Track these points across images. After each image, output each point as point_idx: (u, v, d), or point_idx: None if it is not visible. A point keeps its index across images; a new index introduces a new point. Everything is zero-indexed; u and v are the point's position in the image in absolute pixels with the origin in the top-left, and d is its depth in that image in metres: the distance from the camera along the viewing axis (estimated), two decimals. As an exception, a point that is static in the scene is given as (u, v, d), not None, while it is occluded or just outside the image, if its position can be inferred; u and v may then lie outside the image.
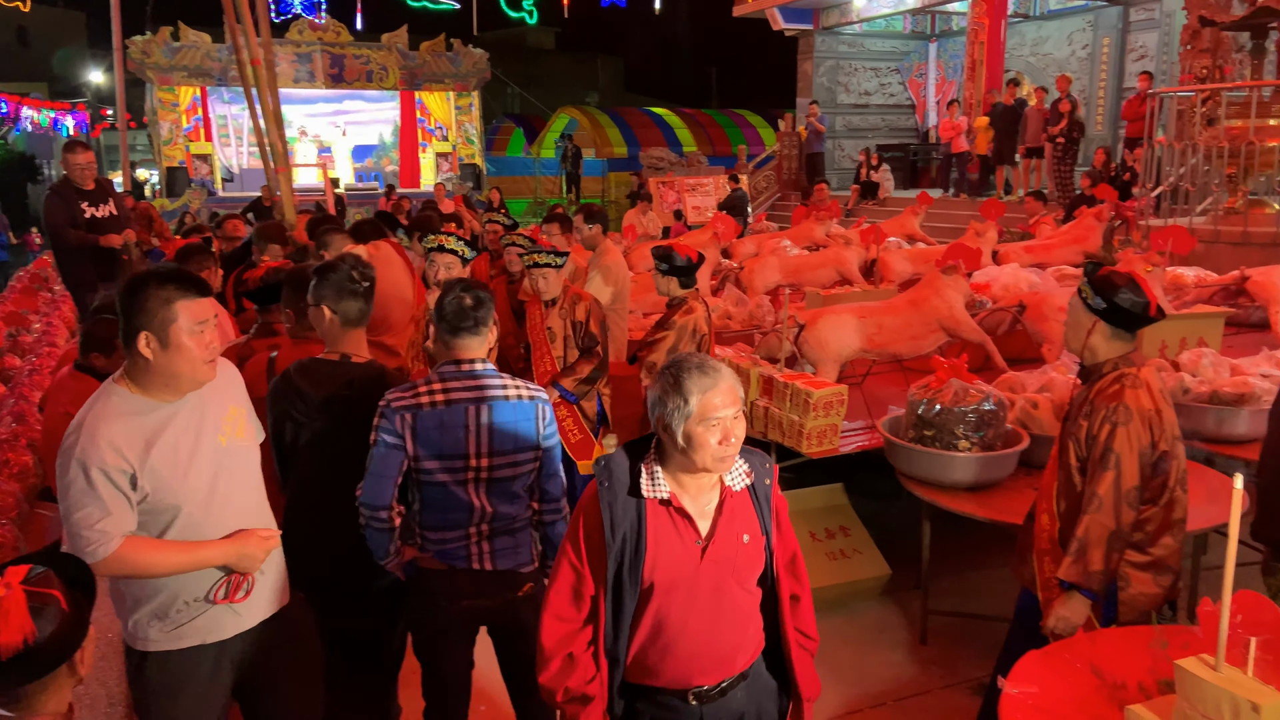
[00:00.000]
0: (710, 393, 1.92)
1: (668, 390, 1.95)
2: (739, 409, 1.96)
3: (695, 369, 1.95)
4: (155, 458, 2.12)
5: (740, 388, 2.00)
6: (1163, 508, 2.68)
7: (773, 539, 2.10)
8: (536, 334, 4.57)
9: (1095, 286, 2.70)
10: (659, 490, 2.01)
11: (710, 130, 25.30)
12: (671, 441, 1.96)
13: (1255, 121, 8.40)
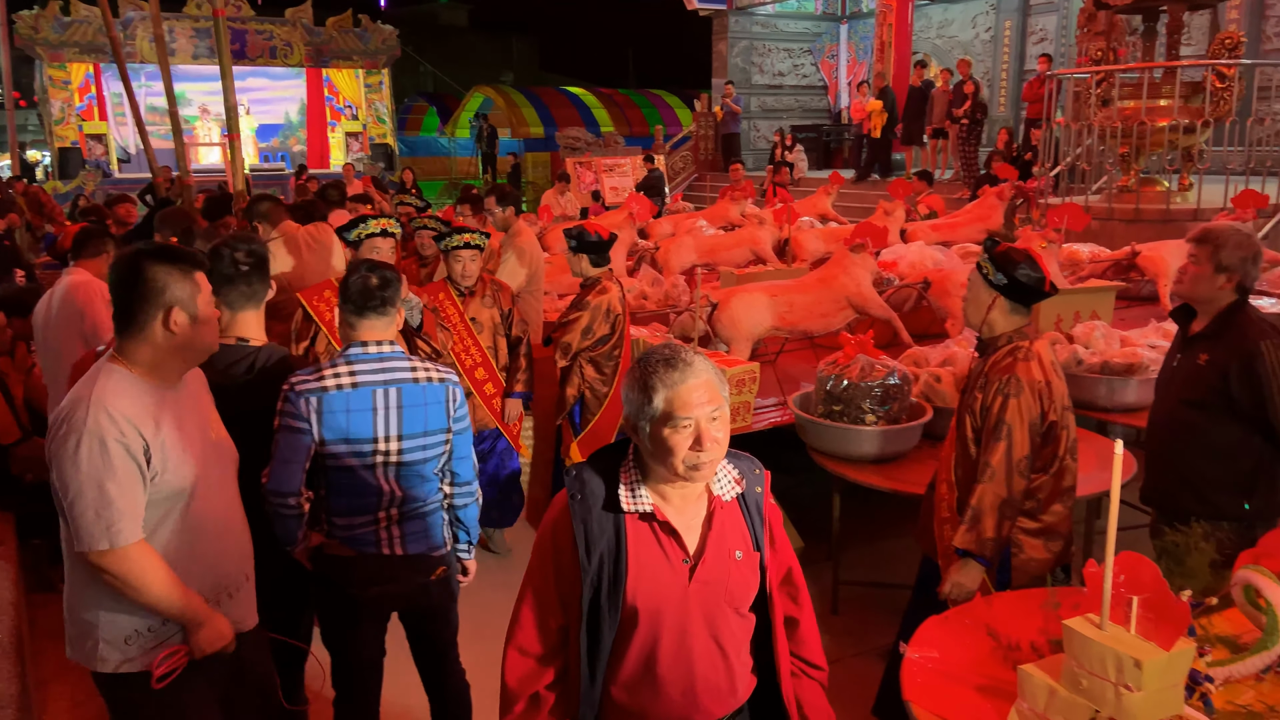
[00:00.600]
0: (679, 389, 1.68)
1: (632, 387, 1.74)
2: (718, 407, 1.71)
3: (662, 362, 1.71)
4: (165, 435, 2.05)
5: (721, 383, 1.74)
6: (1053, 476, 2.79)
7: (766, 555, 1.88)
8: (457, 324, 4.41)
9: (995, 262, 2.78)
10: (640, 503, 1.76)
11: (627, 110, 25.25)
12: (642, 445, 1.75)
13: (1147, 102, 8.76)
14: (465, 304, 4.40)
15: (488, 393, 4.51)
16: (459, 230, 4.41)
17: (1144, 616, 1.86)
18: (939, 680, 2.19)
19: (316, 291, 4.13)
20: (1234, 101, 8.72)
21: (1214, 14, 10.13)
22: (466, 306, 4.40)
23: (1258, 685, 2.02)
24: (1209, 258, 2.93)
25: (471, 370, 4.42)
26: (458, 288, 4.42)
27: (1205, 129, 8.83)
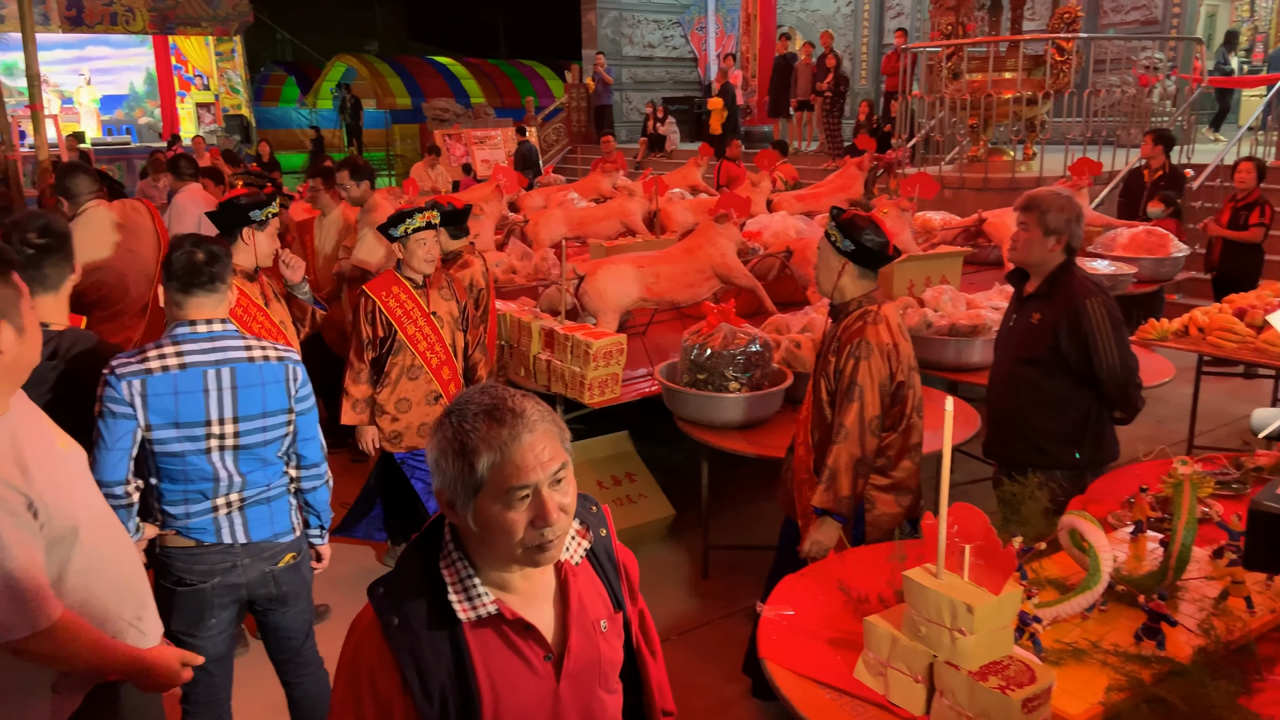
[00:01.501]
0: (511, 449, 1.28)
1: (445, 451, 1.30)
2: (562, 465, 1.33)
3: (483, 416, 1.28)
4: (34, 472, 1.71)
5: (561, 429, 1.36)
6: (901, 434, 2.91)
7: (628, 610, 1.57)
8: (419, 320, 3.86)
9: (842, 230, 2.86)
10: (480, 605, 1.36)
11: (498, 81, 24.76)
12: (464, 528, 1.35)
13: (993, 75, 9.18)
14: (423, 297, 3.87)
15: (452, 394, 4.05)
16: (410, 212, 3.79)
17: (975, 564, 1.95)
18: (793, 636, 2.25)
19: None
20: (1072, 74, 9.22)
21: (1054, -10, 10.68)
22: (424, 299, 3.87)
23: (1083, 623, 2.16)
24: (1036, 223, 3.09)
25: (437, 370, 3.94)
26: (412, 280, 3.85)
27: (1046, 100, 9.32)
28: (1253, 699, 1.89)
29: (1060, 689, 1.88)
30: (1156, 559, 2.33)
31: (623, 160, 10.74)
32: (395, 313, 3.84)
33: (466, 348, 4.08)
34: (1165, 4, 12.72)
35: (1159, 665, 1.94)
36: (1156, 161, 7.39)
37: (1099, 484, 3.01)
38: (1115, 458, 3.25)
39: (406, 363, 3.88)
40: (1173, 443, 5.36)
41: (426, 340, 3.90)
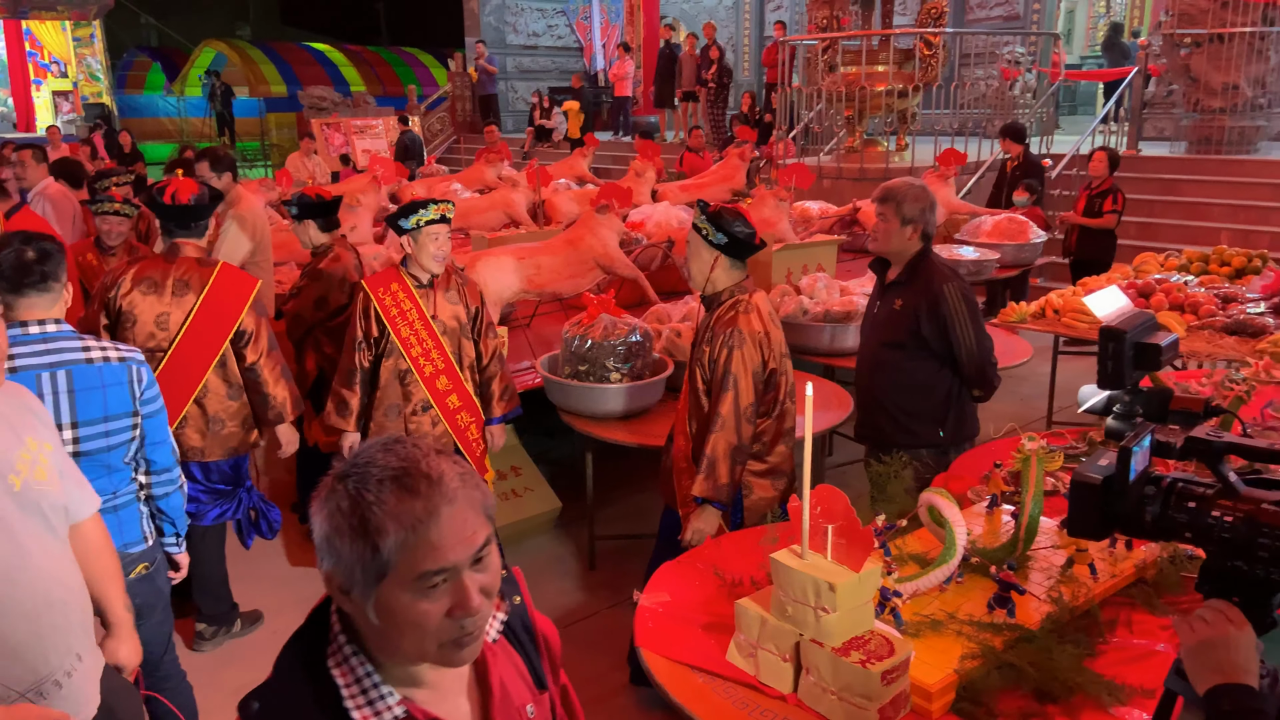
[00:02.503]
0: (427, 525, 1.04)
1: (339, 529, 1.05)
2: (487, 539, 1.10)
3: (390, 485, 1.04)
4: None
5: (485, 495, 1.12)
6: (775, 419, 2.97)
7: (552, 689, 1.37)
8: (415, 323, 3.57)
9: (713, 223, 2.89)
10: (383, 706, 1.12)
11: (379, 69, 24.10)
12: (361, 620, 1.09)
13: (866, 68, 9.45)
14: (426, 298, 3.58)
15: (451, 406, 3.70)
16: (424, 202, 3.48)
17: (837, 544, 2.00)
18: (669, 623, 2.27)
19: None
20: (939, 68, 9.59)
21: (923, -14, 11.04)
22: (427, 302, 3.59)
23: (941, 595, 2.24)
24: (894, 213, 3.21)
25: (432, 379, 3.62)
26: (416, 278, 3.56)
27: (916, 93, 9.66)
28: (1096, 660, 2.01)
29: (919, 660, 1.95)
30: (1009, 531, 2.44)
31: (507, 150, 10.62)
32: (390, 312, 3.53)
33: (479, 359, 3.73)
34: (1026, 0, 13.36)
35: (1010, 632, 2.04)
36: (1012, 153, 7.76)
37: (961, 461, 3.14)
38: (976, 435, 3.40)
39: (399, 367, 3.59)
40: (1034, 419, 5.66)
41: (422, 345, 3.58)
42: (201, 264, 3.42)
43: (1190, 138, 9.73)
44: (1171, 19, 9.73)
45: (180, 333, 3.34)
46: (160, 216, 3.39)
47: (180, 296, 3.36)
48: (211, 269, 3.41)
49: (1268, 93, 9.47)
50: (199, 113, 22.47)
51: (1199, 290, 4.76)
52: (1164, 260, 5.61)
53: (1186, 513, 1.10)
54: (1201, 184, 9.00)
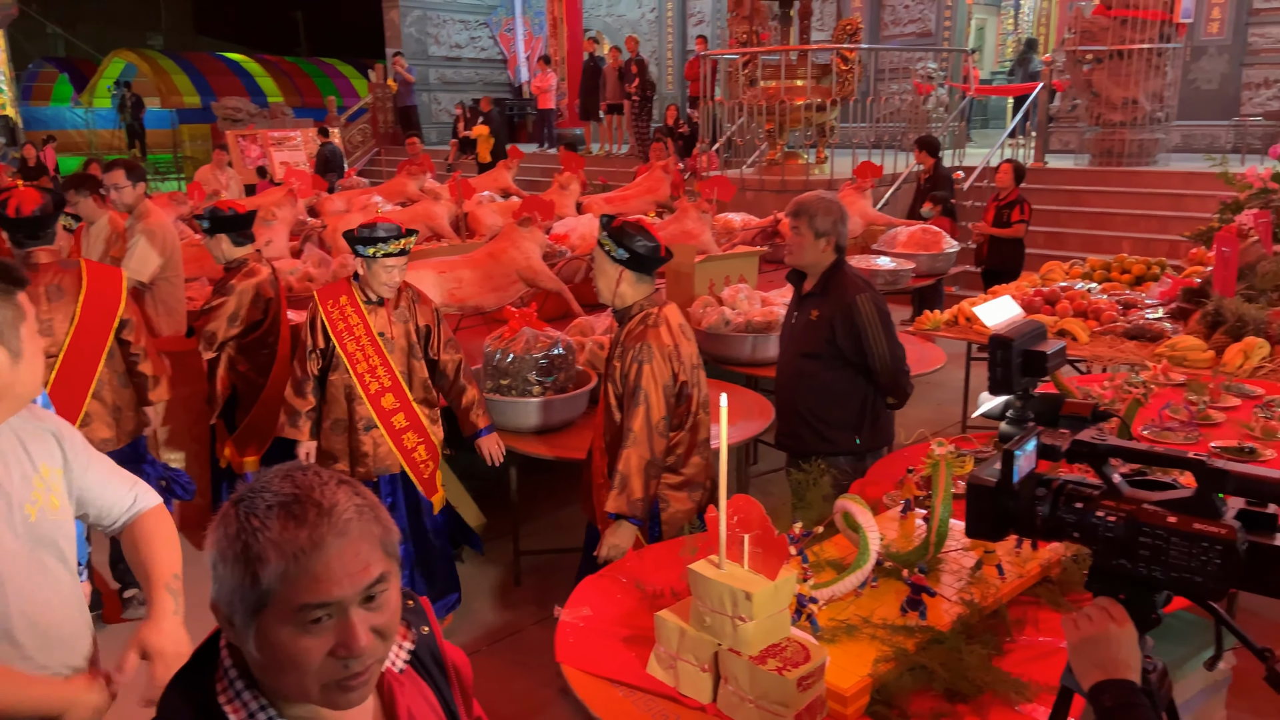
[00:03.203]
0: (311, 556, 0.99)
1: (224, 552, 1.01)
2: (380, 578, 1.04)
3: (281, 510, 1.00)
4: None
5: (386, 528, 1.07)
6: (689, 431, 2.99)
7: (462, 718, 1.32)
8: (362, 338, 3.52)
9: (614, 238, 2.88)
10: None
11: (297, 79, 23.64)
12: (245, 651, 1.04)
13: (785, 82, 9.63)
14: (374, 314, 3.53)
15: (397, 426, 3.59)
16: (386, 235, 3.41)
17: (754, 552, 2.02)
18: (589, 637, 2.27)
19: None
20: (856, 82, 9.82)
21: (839, 2, 11.30)
22: (375, 318, 3.54)
23: (856, 600, 2.28)
24: (807, 227, 3.27)
25: (378, 397, 3.54)
26: (366, 295, 3.53)
27: (834, 107, 9.87)
28: (1004, 659, 2.06)
29: (834, 664, 1.98)
30: (922, 535, 2.50)
31: (430, 162, 10.53)
32: (337, 326, 3.48)
33: (442, 376, 3.65)
34: (938, 17, 13.78)
35: (921, 635, 2.08)
36: (925, 165, 7.99)
37: (877, 467, 3.21)
38: (891, 441, 3.48)
39: (345, 382, 3.52)
40: (949, 424, 5.81)
41: (368, 362, 3.51)
42: (65, 266, 3.49)
43: (1093, 150, 10.14)
44: (1074, 36, 10.15)
45: (69, 336, 3.44)
46: (8, 229, 3.43)
47: (56, 301, 3.41)
48: (79, 270, 3.50)
49: (1165, 106, 9.93)
50: (108, 124, 21.72)
51: (1101, 297, 4.96)
52: (1069, 268, 5.83)
53: (1074, 513, 1.14)
54: (1104, 194, 9.39)
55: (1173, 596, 1.17)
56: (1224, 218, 5.68)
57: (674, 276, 5.38)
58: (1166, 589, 1.11)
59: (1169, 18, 9.48)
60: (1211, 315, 4.20)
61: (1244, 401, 3.54)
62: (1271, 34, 11.10)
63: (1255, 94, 11.21)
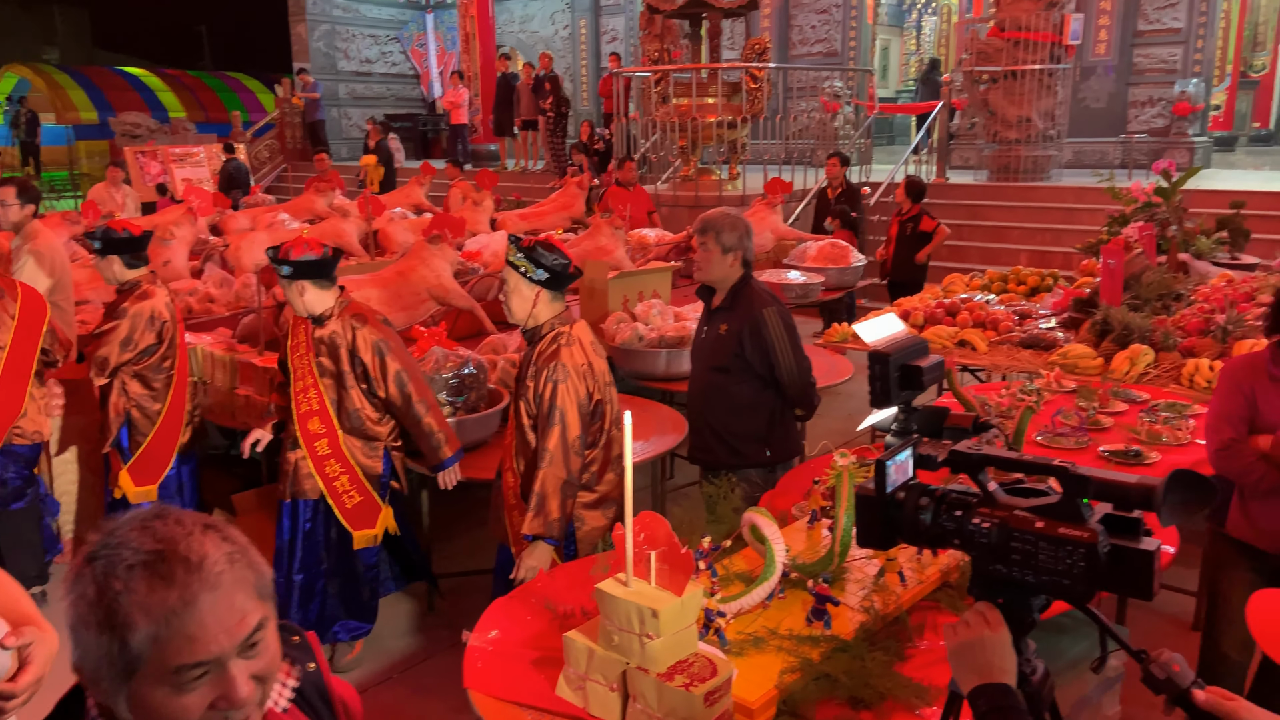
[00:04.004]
0: (184, 617, 0.94)
1: (84, 617, 0.95)
2: (260, 622, 1.01)
3: (145, 570, 0.94)
4: None
5: (260, 573, 1.03)
6: (602, 449, 2.99)
7: None
8: (304, 356, 3.47)
9: (530, 258, 2.86)
10: None
11: (200, 94, 22.95)
12: (117, 715, 0.99)
13: (697, 100, 9.76)
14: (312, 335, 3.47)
15: (320, 452, 3.49)
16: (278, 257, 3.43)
17: (661, 569, 2.03)
18: (498, 661, 2.24)
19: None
20: (765, 100, 10.01)
21: (748, 22, 11.53)
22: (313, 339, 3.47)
23: (764, 612, 2.31)
24: (714, 242, 3.31)
25: (305, 419, 3.46)
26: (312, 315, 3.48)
27: (745, 124, 10.04)
28: (905, 664, 2.11)
29: (742, 678, 1.99)
30: (829, 545, 2.54)
31: (339, 179, 10.32)
32: (294, 339, 3.51)
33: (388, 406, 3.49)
34: (844, 38, 14.17)
35: (826, 644, 2.11)
36: (838, 180, 8.19)
37: (786, 478, 3.26)
38: (800, 452, 3.54)
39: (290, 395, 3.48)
40: (858, 435, 5.93)
41: (302, 381, 3.47)
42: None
43: (991, 166, 10.54)
44: (971, 57, 10.55)
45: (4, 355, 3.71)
46: None
47: None
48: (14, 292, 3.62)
49: (1057, 124, 10.39)
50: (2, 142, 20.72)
51: (999, 308, 5.14)
52: (969, 280, 6.03)
53: (954, 520, 1.18)
54: (1002, 209, 9.76)
55: (1051, 600, 1.21)
56: (1111, 231, 5.96)
57: (588, 293, 5.38)
58: (1040, 592, 1.15)
59: (1058, 40, 9.94)
60: (1100, 324, 4.40)
61: (1130, 406, 3.71)
62: (1155, 54, 11.73)
63: (1140, 112, 11.81)
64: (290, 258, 3.36)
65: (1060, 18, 9.92)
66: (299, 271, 3.36)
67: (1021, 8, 9.88)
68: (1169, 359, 4.20)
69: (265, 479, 4.57)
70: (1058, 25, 9.91)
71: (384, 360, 3.44)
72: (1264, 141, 13.47)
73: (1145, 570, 1.05)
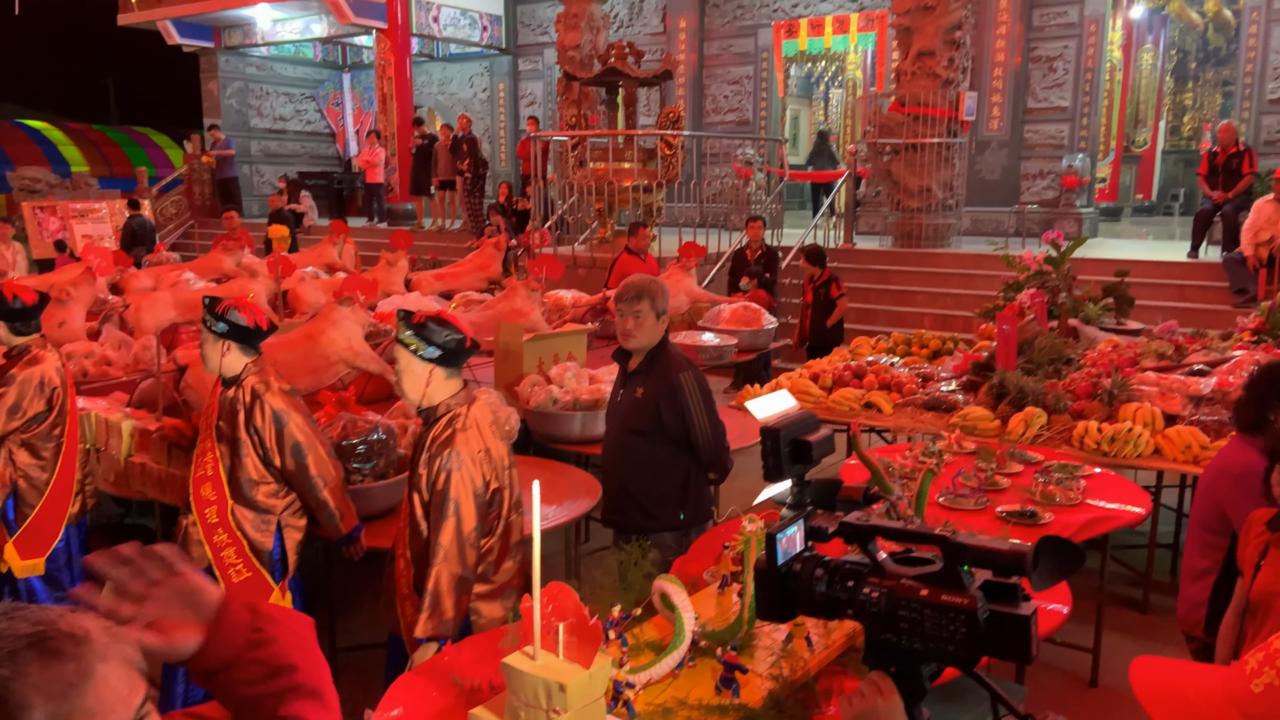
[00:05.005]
0: (81, 690, 0.92)
1: None
2: (143, 699, 0.99)
3: (32, 649, 0.91)
4: None
5: (136, 651, 1.00)
6: (500, 536, 2.84)
7: None
8: (209, 418, 3.36)
9: (422, 337, 2.72)
10: None
11: (105, 149, 22.32)
12: None
13: (613, 164, 9.94)
14: (217, 396, 3.39)
15: (209, 520, 3.34)
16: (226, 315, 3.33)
17: (569, 641, 2.01)
18: (402, 741, 2.17)
19: None
20: (680, 166, 10.27)
21: (663, 90, 11.85)
22: (218, 400, 3.38)
23: (674, 682, 2.30)
24: (649, 309, 3.34)
25: (199, 483, 3.33)
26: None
27: (660, 189, 10.26)
28: (813, 729, 2.12)
29: (651, 751, 1.98)
30: (738, 610, 2.56)
31: (248, 237, 10.12)
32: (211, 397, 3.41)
33: (292, 479, 3.35)
34: (755, 107, 14.68)
35: (735, 712, 2.12)
36: (758, 242, 8.42)
37: (699, 543, 3.27)
38: (713, 515, 3.57)
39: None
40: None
41: (203, 445, 3.37)
42: None
43: (895, 233, 10.98)
44: (874, 130, 11.04)
45: None
46: None
47: None
48: None
49: (955, 194, 10.91)
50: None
51: (903, 371, 5.32)
52: (875, 343, 6.23)
53: (846, 591, 1.21)
54: (906, 274, 10.14)
55: (942, 667, 1.25)
56: (1006, 296, 6.25)
57: (502, 355, 5.37)
58: (928, 659, 1.18)
59: (954, 115, 10.49)
60: (996, 387, 4.59)
61: (1026, 468, 3.86)
62: (1044, 131, 12.46)
63: (1032, 184, 12.50)
64: (228, 317, 3.27)
65: (956, 95, 10.49)
66: (233, 332, 3.28)
67: (920, 85, 10.41)
68: (1061, 421, 4.39)
69: (161, 550, 4.38)
70: (954, 102, 10.46)
71: (282, 431, 3.32)
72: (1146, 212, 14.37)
73: (1023, 635, 1.10)
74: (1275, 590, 2.35)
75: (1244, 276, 8.34)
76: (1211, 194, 9.33)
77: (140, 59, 28.66)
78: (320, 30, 17.11)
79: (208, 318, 3.29)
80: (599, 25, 13.42)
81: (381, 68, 15.51)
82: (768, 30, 14.29)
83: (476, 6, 16.60)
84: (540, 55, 16.94)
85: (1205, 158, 9.60)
